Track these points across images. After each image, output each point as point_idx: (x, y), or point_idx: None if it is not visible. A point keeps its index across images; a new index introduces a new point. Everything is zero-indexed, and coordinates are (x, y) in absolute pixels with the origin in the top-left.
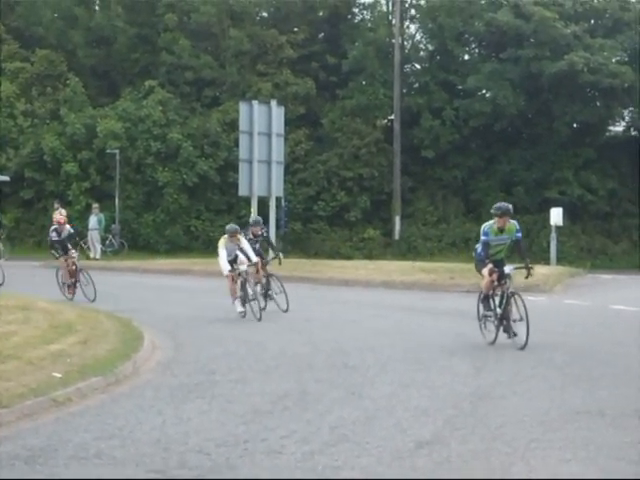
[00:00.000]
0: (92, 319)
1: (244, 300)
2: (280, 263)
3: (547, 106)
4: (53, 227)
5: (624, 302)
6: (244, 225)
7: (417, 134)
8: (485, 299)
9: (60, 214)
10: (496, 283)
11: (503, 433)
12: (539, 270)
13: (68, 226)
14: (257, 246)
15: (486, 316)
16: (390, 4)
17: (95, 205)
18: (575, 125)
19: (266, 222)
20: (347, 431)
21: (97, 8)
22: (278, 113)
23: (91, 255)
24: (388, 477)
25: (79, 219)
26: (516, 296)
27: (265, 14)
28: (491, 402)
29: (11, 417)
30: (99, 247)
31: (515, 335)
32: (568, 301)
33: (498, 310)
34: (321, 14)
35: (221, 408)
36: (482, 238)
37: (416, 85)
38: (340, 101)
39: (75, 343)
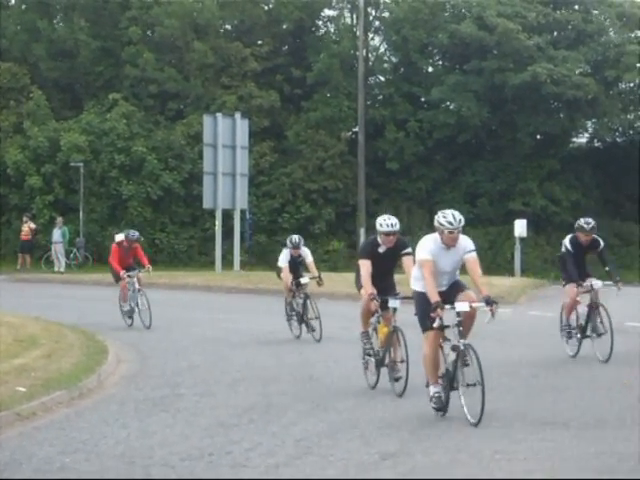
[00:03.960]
0: (56, 333)
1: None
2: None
3: (511, 117)
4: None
5: None
6: (210, 239)
7: (381, 146)
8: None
9: (29, 227)
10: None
11: (468, 445)
12: (503, 282)
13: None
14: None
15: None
16: (354, 17)
17: (59, 218)
18: (539, 136)
19: (230, 235)
20: (312, 444)
21: (60, 21)
22: (242, 126)
23: (55, 268)
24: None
25: (43, 232)
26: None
27: (229, 27)
28: (455, 414)
29: None
30: (63, 260)
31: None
32: (533, 312)
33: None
34: (285, 27)
35: (186, 421)
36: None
37: (380, 97)
38: (304, 113)
39: (39, 357)
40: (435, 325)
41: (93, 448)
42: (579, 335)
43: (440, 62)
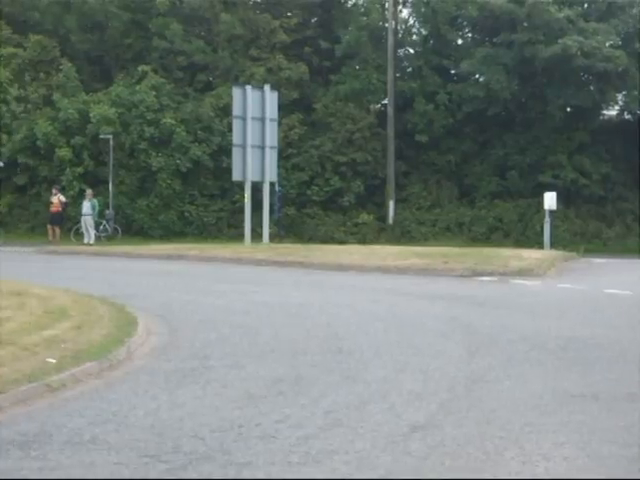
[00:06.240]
0: (86, 304)
1: None
2: None
3: (541, 90)
4: None
5: (618, 286)
6: (239, 211)
7: (410, 118)
8: None
9: (59, 200)
10: None
11: (497, 417)
12: (532, 254)
13: None
14: None
15: None
16: None
17: (89, 191)
18: (569, 109)
19: (260, 207)
20: (341, 415)
21: None
22: (272, 98)
23: (85, 241)
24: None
25: (73, 205)
26: None
27: None
28: (485, 386)
29: (5, 403)
30: (93, 232)
31: None
32: (562, 285)
33: None
34: None
35: (215, 393)
36: None
37: (409, 69)
38: (333, 86)
39: (69, 328)
40: None
41: (123, 419)
42: None
43: (470, 34)
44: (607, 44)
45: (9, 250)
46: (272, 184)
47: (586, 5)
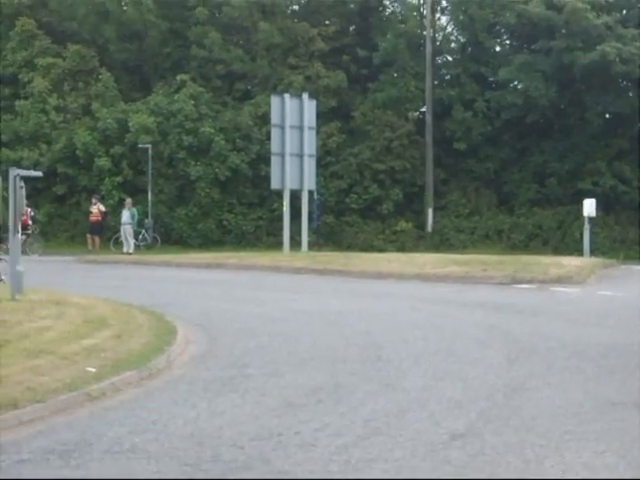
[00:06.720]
0: (125, 314)
1: None
2: None
3: (579, 97)
4: None
5: None
6: (277, 219)
7: (449, 126)
8: None
9: (99, 209)
10: None
11: (537, 425)
12: (572, 261)
13: None
14: None
15: None
16: None
17: (128, 200)
18: (607, 116)
19: (298, 215)
20: (380, 424)
21: (129, 2)
22: (310, 106)
23: (124, 250)
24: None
25: (112, 214)
26: None
27: (296, 7)
28: (525, 394)
29: (45, 412)
30: (132, 242)
31: None
32: (602, 292)
33: None
34: (352, 7)
35: (254, 401)
36: None
37: (447, 77)
38: (371, 94)
39: (109, 338)
40: None
41: (162, 428)
42: None
43: (507, 42)
44: None
45: (49, 259)
46: (311, 192)
47: (625, 11)
